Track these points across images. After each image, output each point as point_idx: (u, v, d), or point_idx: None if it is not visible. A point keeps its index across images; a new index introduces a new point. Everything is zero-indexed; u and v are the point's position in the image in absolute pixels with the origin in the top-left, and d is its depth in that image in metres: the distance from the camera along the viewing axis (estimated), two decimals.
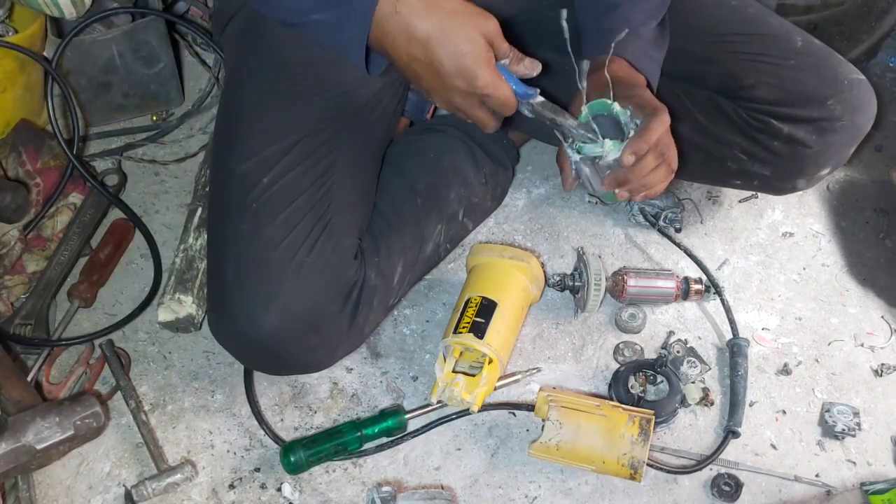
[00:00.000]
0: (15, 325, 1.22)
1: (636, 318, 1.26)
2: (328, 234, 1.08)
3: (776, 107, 1.16)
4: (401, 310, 1.29)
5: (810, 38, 1.20)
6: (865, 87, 1.17)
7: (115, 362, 1.19)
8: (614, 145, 1.01)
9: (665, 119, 1.00)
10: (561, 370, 1.22)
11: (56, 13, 1.30)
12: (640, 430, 1.05)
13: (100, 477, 1.11)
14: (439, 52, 0.95)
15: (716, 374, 1.22)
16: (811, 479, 1.11)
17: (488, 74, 0.96)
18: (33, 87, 1.41)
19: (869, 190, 1.47)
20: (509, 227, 1.41)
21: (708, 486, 1.10)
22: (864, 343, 1.26)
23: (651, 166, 1.02)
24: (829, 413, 1.16)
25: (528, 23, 1.28)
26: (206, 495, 1.09)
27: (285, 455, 1.09)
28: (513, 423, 1.17)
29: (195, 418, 1.17)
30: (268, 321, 1.03)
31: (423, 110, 1.40)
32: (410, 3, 0.93)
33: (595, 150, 1.02)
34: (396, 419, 1.12)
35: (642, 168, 1.01)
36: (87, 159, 1.48)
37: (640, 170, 1.01)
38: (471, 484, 1.11)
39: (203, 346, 1.24)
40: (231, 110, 1.15)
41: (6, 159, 1.35)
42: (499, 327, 1.14)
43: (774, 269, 1.35)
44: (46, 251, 1.32)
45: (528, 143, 1.51)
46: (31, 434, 0.99)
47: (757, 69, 1.16)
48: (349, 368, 1.22)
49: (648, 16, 1.11)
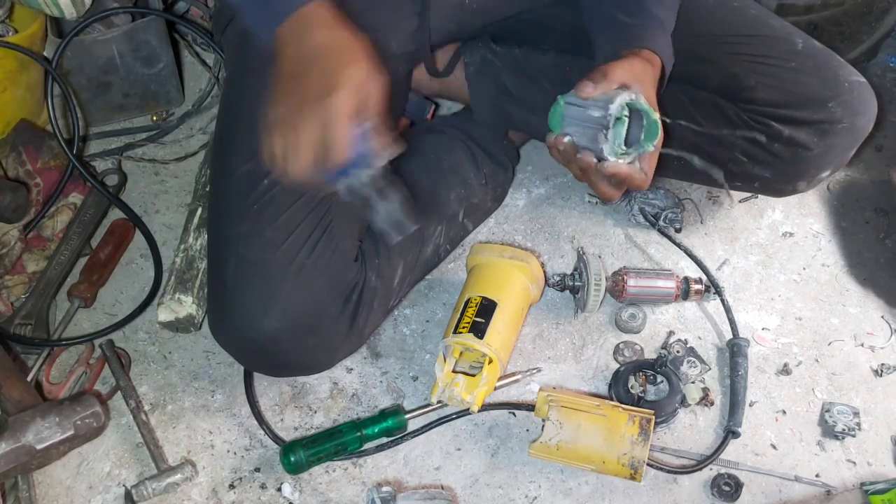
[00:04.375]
0: (15, 325, 1.22)
1: (636, 318, 1.26)
2: (328, 236, 1.08)
3: (777, 109, 1.16)
4: (401, 310, 1.29)
5: (811, 40, 1.20)
6: (866, 90, 1.17)
7: (115, 362, 1.19)
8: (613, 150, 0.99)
9: (634, 64, 1.00)
10: (561, 370, 1.22)
11: (56, 13, 1.30)
12: (640, 430, 1.05)
13: (100, 477, 1.11)
14: (323, 61, 0.89)
15: (716, 374, 1.22)
16: (811, 479, 1.11)
17: (347, 99, 0.87)
18: (33, 87, 1.41)
19: (869, 190, 1.47)
20: (509, 227, 1.41)
21: (708, 486, 1.10)
22: (864, 343, 1.26)
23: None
24: (829, 413, 1.16)
25: (529, 21, 1.28)
26: (206, 495, 1.09)
27: (285, 455, 1.09)
28: (513, 423, 1.17)
29: (195, 418, 1.17)
30: (267, 322, 1.03)
31: (423, 110, 1.40)
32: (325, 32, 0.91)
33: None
34: (396, 419, 1.12)
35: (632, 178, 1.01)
36: (87, 159, 1.48)
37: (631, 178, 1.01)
38: (471, 484, 1.11)
39: (203, 346, 1.24)
40: (232, 111, 1.15)
41: (6, 159, 1.35)
42: (499, 327, 1.14)
43: (774, 269, 1.35)
44: (46, 251, 1.32)
45: (528, 143, 1.51)
46: (31, 434, 0.99)
47: (758, 71, 1.16)
48: (349, 368, 1.22)
49: (670, 10, 1.10)
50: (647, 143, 0.98)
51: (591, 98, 0.97)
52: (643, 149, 0.98)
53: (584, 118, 0.99)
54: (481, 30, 1.30)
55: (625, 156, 0.98)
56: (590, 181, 1.02)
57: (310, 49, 0.91)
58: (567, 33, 1.26)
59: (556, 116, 1.02)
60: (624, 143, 0.98)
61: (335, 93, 0.86)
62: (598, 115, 0.97)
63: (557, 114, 1.01)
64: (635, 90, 0.97)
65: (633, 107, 0.97)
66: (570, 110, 1.00)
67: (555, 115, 1.02)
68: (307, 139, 0.87)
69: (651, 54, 1.04)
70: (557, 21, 1.26)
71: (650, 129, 0.99)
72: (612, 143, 0.97)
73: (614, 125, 0.97)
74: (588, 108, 0.98)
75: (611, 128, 0.96)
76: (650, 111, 0.98)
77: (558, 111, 1.01)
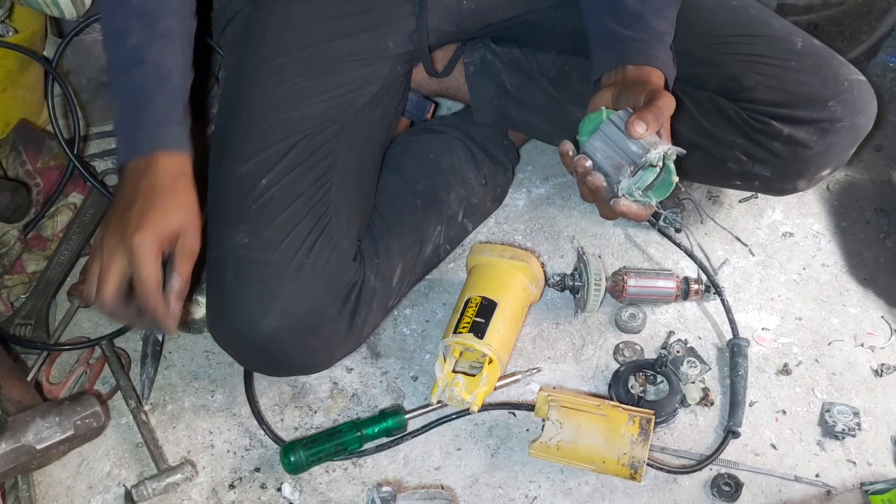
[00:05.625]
0: (15, 325, 1.22)
1: (636, 318, 1.26)
2: (327, 236, 1.08)
3: (777, 108, 1.16)
4: (401, 310, 1.29)
5: (811, 39, 1.19)
6: (866, 89, 1.17)
7: (115, 362, 1.19)
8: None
9: (670, 101, 0.99)
10: (561, 370, 1.22)
11: (56, 13, 1.30)
12: (640, 429, 1.05)
13: (100, 477, 1.11)
14: (150, 198, 0.95)
15: (716, 374, 1.22)
16: (811, 479, 1.11)
17: (150, 241, 0.92)
18: (33, 87, 1.41)
19: (869, 190, 1.47)
20: (509, 227, 1.41)
21: (708, 486, 1.10)
22: (864, 343, 1.26)
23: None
24: (829, 413, 1.16)
25: (529, 24, 1.28)
26: (206, 495, 1.10)
27: (285, 455, 1.09)
28: (513, 423, 1.17)
29: (195, 418, 1.17)
30: (266, 322, 1.03)
31: (423, 110, 1.40)
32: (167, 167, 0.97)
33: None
34: (396, 419, 1.12)
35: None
36: (88, 159, 1.48)
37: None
38: (471, 484, 1.11)
39: (203, 346, 1.24)
40: (230, 111, 1.15)
41: (6, 159, 1.35)
42: (499, 327, 1.14)
43: (774, 269, 1.35)
44: (46, 251, 1.32)
45: (528, 143, 1.51)
46: (31, 434, 0.99)
47: (758, 71, 1.16)
48: (349, 368, 1.22)
49: (670, 21, 1.10)
50: (653, 197, 0.99)
51: (641, 139, 0.96)
52: (649, 201, 0.99)
53: (619, 143, 0.97)
54: (480, 32, 1.30)
55: (630, 196, 0.98)
56: (595, 201, 1.02)
57: (143, 187, 0.96)
58: (568, 36, 1.26)
59: (591, 124, 1.00)
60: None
61: (141, 231, 0.92)
62: (635, 150, 0.96)
63: (594, 123, 1.00)
64: (675, 150, 0.97)
65: (665, 160, 0.98)
66: (609, 129, 0.98)
67: (591, 122, 1.00)
68: (114, 269, 0.93)
69: (657, 72, 1.04)
70: (558, 24, 1.26)
71: (664, 184, 0.99)
72: (633, 182, 0.97)
73: (645, 169, 0.97)
74: (628, 139, 0.97)
75: (641, 169, 0.97)
76: (673, 172, 0.98)
77: (597, 121, 1.00)
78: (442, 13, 1.21)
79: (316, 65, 1.14)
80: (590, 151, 0.99)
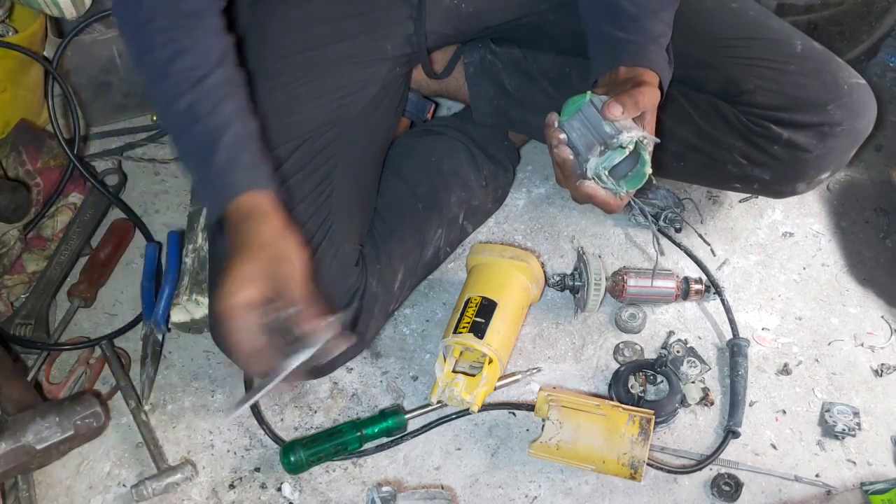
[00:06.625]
0: (15, 325, 1.22)
1: (636, 318, 1.26)
2: (329, 242, 1.08)
3: (776, 112, 1.16)
4: (401, 310, 1.29)
5: (810, 42, 1.19)
6: (865, 92, 1.17)
7: (115, 362, 1.19)
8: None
9: (654, 92, 1.00)
10: (561, 370, 1.22)
11: (56, 13, 1.30)
12: (640, 429, 1.05)
13: (100, 477, 1.11)
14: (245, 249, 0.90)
15: (716, 374, 1.22)
16: (811, 479, 1.11)
17: (242, 290, 0.87)
18: (33, 87, 1.41)
19: (869, 190, 1.47)
20: (509, 227, 1.41)
21: (708, 486, 1.10)
22: (864, 343, 1.26)
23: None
24: (829, 413, 1.16)
25: (528, 26, 1.28)
26: (206, 495, 1.10)
27: (285, 455, 1.09)
28: (513, 423, 1.17)
29: (195, 418, 1.17)
30: None
31: (423, 110, 1.40)
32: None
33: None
34: (396, 419, 1.12)
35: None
36: (87, 159, 1.48)
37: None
38: (471, 484, 1.11)
39: (203, 346, 1.24)
40: None
41: (6, 159, 1.35)
42: (499, 327, 1.14)
43: (774, 269, 1.35)
44: (46, 251, 1.32)
45: (528, 144, 1.51)
46: (31, 434, 0.99)
47: (757, 74, 1.16)
48: (349, 368, 1.22)
49: (666, 23, 1.10)
50: (624, 186, 1.00)
51: (616, 121, 0.98)
52: (618, 189, 1.00)
53: (595, 124, 1.00)
54: (480, 34, 1.30)
55: (598, 179, 0.99)
56: (564, 181, 1.04)
57: (244, 236, 0.91)
58: (567, 37, 1.26)
59: (573, 106, 1.03)
60: (609, 171, 0.99)
61: (232, 282, 0.87)
62: (608, 131, 0.98)
63: (576, 105, 1.02)
64: (651, 139, 0.98)
65: (638, 148, 0.99)
66: (589, 110, 1.01)
67: (574, 104, 1.03)
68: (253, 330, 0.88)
69: (650, 73, 1.04)
70: (557, 27, 1.26)
71: (637, 175, 1.00)
72: (599, 162, 0.98)
73: (614, 149, 0.98)
74: (603, 120, 0.99)
75: (610, 150, 0.98)
76: (647, 163, 0.99)
77: (579, 103, 1.02)
78: (440, 17, 1.21)
79: (315, 68, 1.14)
80: (567, 130, 1.02)
